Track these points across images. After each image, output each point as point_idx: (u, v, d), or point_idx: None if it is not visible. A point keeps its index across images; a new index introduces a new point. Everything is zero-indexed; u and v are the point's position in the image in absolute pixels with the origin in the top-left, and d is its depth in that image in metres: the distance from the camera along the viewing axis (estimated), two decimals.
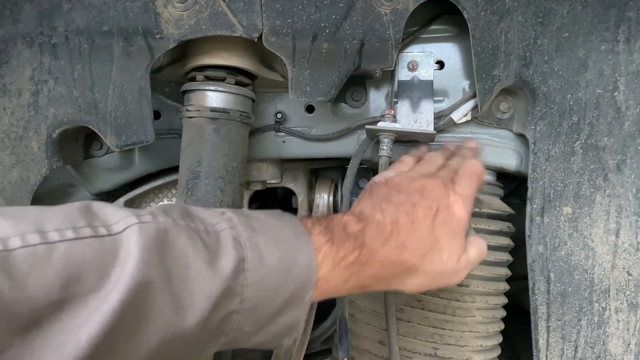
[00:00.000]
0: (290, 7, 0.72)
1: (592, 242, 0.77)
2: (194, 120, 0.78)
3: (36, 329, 0.38)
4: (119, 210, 0.46)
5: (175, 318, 0.45)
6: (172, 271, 0.45)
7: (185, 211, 0.51)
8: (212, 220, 0.51)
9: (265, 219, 0.55)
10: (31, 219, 0.41)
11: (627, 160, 0.75)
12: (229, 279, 0.48)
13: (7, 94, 0.76)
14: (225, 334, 0.50)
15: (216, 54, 0.78)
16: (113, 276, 0.42)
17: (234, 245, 0.49)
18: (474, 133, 0.84)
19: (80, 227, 0.42)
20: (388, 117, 0.79)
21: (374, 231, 0.58)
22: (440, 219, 0.62)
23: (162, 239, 0.46)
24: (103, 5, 0.73)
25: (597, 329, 0.77)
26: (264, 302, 0.51)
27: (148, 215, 0.47)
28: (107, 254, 0.42)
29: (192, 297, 0.46)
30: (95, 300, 0.40)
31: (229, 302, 0.48)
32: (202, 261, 0.47)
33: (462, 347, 0.81)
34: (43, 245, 0.39)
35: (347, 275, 0.56)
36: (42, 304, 0.38)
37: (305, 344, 0.92)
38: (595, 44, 0.74)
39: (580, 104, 0.75)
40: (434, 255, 0.61)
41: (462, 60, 0.84)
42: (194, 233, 0.48)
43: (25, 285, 0.37)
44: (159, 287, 0.44)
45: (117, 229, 0.44)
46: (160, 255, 0.45)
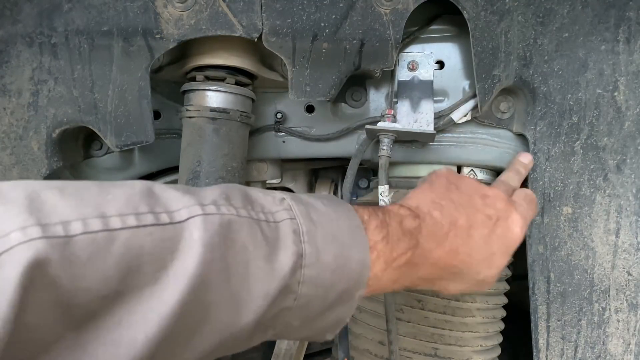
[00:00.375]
0: (290, 7, 0.72)
1: (592, 242, 0.77)
2: (194, 120, 0.78)
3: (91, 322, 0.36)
4: (182, 196, 0.44)
5: (232, 317, 0.44)
6: (232, 268, 0.43)
7: (246, 197, 0.49)
8: (272, 208, 0.49)
9: (324, 208, 0.52)
10: (93, 200, 0.38)
11: (627, 160, 0.75)
12: (287, 276, 0.46)
13: (6, 94, 0.76)
14: (274, 327, 0.49)
15: (216, 54, 0.78)
16: (171, 270, 0.39)
17: (294, 239, 0.47)
18: (474, 133, 0.84)
19: (142, 212, 0.40)
20: (388, 117, 0.79)
21: (429, 230, 0.57)
22: (498, 232, 0.60)
23: (226, 233, 0.43)
24: (103, 5, 0.73)
25: (597, 329, 0.77)
26: (316, 299, 0.49)
27: (212, 205, 0.44)
28: (167, 245, 0.40)
29: (250, 296, 0.44)
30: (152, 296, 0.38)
31: (284, 299, 0.47)
32: (261, 257, 0.45)
33: (462, 347, 0.81)
34: (105, 232, 0.37)
35: (397, 275, 0.55)
36: (98, 296, 0.36)
37: (305, 344, 0.92)
38: (596, 44, 0.74)
39: (580, 104, 0.75)
40: (483, 268, 0.60)
41: (462, 60, 0.84)
42: (255, 224, 0.46)
43: (84, 276, 0.35)
44: (218, 286, 0.42)
45: (179, 217, 0.41)
46: (222, 252, 0.42)
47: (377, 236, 0.53)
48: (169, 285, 0.39)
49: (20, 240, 0.33)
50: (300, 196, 0.53)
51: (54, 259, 0.34)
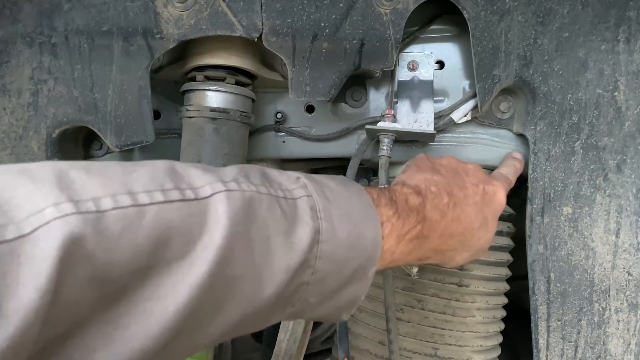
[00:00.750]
0: (290, 6, 0.72)
1: (592, 242, 0.76)
2: (194, 120, 0.78)
3: (123, 295, 0.37)
4: (203, 173, 0.44)
5: (256, 291, 0.44)
6: (254, 243, 0.44)
7: (263, 175, 0.50)
8: (289, 186, 0.50)
9: (336, 187, 0.53)
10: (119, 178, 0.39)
11: (627, 160, 0.75)
12: (306, 250, 0.47)
13: (6, 93, 0.76)
14: (292, 304, 0.50)
15: (216, 53, 0.78)
16: (199, 244, 0.40)
17: (311, 215, 0.48)
18: (474, 133, 0.84)
19: (168, 189, 0.40)
20: (388, 117, 0.79)
21: (432, 204, 0.60)
22: (487, 198, 0.66)
23: (248, 209, 0.44)
24: (103, 5, 0.73)
25: (597, 329, 0.77)
26: (332, 275, 0.50)
27: (233, 182, 0.45)
28: (195, 220, 0.40)
29: (272, 270, 0.45)
30: (182, 269, 0.39)
31: (303, 273, 0.47)
32: (281, 233, 0.46)
33: (462, 347, 0.81)
34: (134, 207, 0.37)
35: (410, 248, 0.58)
36: (130, 269, 0.36)
37: (305, 344, 0.92)
38: (596, 43, 0.74)
39: (580, 103, 0.75)
40: (482, 232, 0.65)
41: (462, 60, 0.84)
42: (274, 201, 0.47)
43: (117, 249, 0.36)
44: (243, 260, 0.43)
45: (204, 193, 0.42)
46: (245, 227, 0.43)
47: (389, 212, 0.55)
48: (198, 258, 0.40)
49: (55, 216, 0.33)
50: (313, 175, 0.54)
51: (88, 234, 0.34)
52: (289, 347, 0.89)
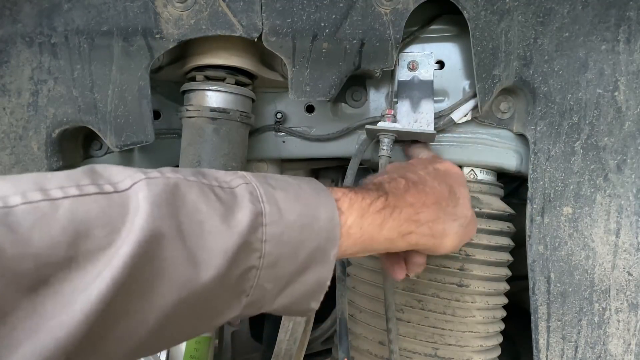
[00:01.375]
0: (290, 6, 0.72)
1: (592, 242, 0.76)
2: (194, 120, 0.78)
3: (44, 287, 0.37)
4: (123, 169, 0.45)
5: (190, 273, 0.44)
6: (184, 225, 0.44)
7: (196, 170, 0.50)
8: (226, 178, 0.50)
9: (282, 177, 0.54)
10: (31, 179, 0.40)
11: (628, 160, 0.75)
12: (246, 233, 0.46)
13: (6, 93, 0.76)
14: (246, 292, 0.49)
15: (216, 53, 0.78)
16: (123, 232, 0.40)
17: (251, 199, 0.48)
18: (474, 133, 0.84)
19: (85, 184, 0.41)
20: (388, 117, 0.79)
21: (391, 186, 0.60)
22: (442, 173, 0.67)
23: (173, 192, 0.44)
24: (103, 5, 0.73)
25: (597, 329, 0.77)
26: (286, 258, 0.49)
27: (155, 172, 0.46)
28: (116, 210, 0.41)
29: (208, 252, 0.45)
30: (105, 257, 0.39)
31: (247, 257, 0.47)
32: (216, 215, 0.45)
33: (462, 347, 0.81)
34: (46, 201, 0.38)
35: (380, 219, 0.56)
36: (49, 262, 0.37)
37: (305, 344, 0.92)
38: (596, 43, 0.74)
39: (580, 103, 0.75)
40: (454, 199, 0.65)
41: (463, 60, 0.84)
42: (207, 188, 0.47)
43: (30, 242, 0.36)
44: (171, 241, 0.42)
45: (123, 186, 0.43)
46: (171, 210, 0.43)
47: (342, 191, 0.55)
48: (122, 243, 0.40)
49: None
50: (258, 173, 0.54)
51: None
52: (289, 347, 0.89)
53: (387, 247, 0.59)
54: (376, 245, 0.57)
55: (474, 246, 0.81)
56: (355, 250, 0.56)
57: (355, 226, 0.54)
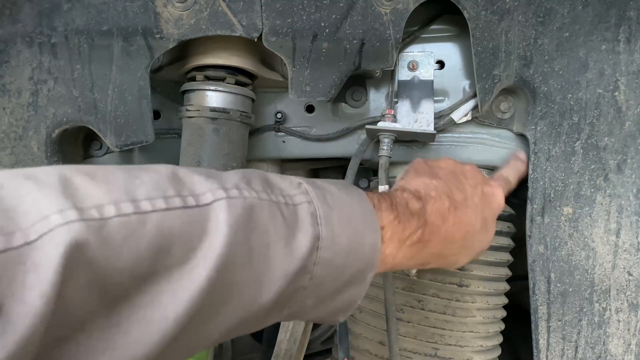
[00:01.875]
0: (290, 6, 0.72)
1: (592, 242, 0.76)
2: (194, 120, 0.78)
3: (124, 301, 0.37)
4: (205, 180, 0.45)
5: (254, 297, 0.45)
6: (254, 250, 0.45)
7: (265, 181, 0.50)
8: (290, 192, 0.50)
9: (338, 193, 0.54)
10: (122, 185, 0.40)
11: (628, 160, 0.75)
12: (305, 257, 0.47)
13: (6, 93, 0.76)
14: (289, 306, 0.50)
15: (216, 53, 0.78)
16: (199, 251, 0.41)
17: (311, 221, 0.49)
18: (474, 133, 0.83)
19: (171, 196, 0.41)
20: (388, 117, 0.79)
21: (433, 208, 0.60)
22: (485, 200, 0.66)
23: (249, 216, 0.45)
24: (103, 5, 0.73)
25: (597, 329, 0.77)
26: (330, 280, 0.50)
27: (234, 189, 0.46)
28: (196, 227, 0.41)
29: (271, 276, 0.46)
30: (182, 275, 0.40)
31: (301, 278, 0.48)
32: (281, 239, 0.47)
33: (463, 347, 0.81)
34: (136, 215, 0.38)
35: (412, 253, 0.58)
36: (132, 276, 0.37)
37: (305, 344, 0.92)
38: (596, 43, 0.74)
39: (580, 103, 0.75)
40: (482, 235, 0.65)
41: (463, 60, 0.84)
42: (275, 207, 0.48)
43: (120, 256, 0.36)
44: (242, 266, 0.43)
45: (205, 200, 0.43)
46: (246, 234, 0.44)
47: (389, 217, 0.56)
48: (198, 265, 0.40)
49: (59, 223, 0.34)
50: (315, 180, 0.55)
51: (92, 241, 0.35)
52: (289, 347, 0.89)
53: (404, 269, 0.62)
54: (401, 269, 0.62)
55: None
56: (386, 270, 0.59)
57: (390, 256, 0.56)
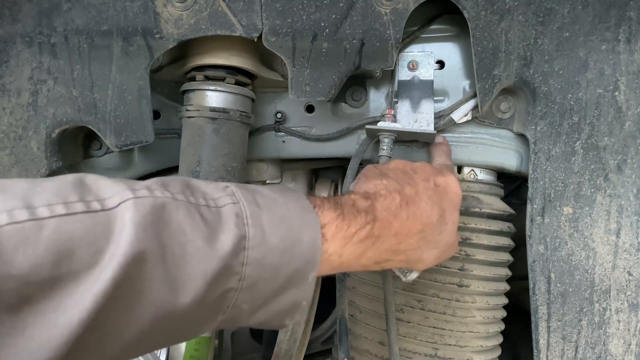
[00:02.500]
0: (290, 6, 0.72)
1: (592, 242, 0.76)
2: (194, 120, 0.78)
3: (27, 306, 0.37)
4: (113, 184, 0.44)
5: (168, 296, 0.44)
6: (167, 248, 0.44)
7: (185, 184, 0.49)
8: (214, 195, 0.49)
9: (271, 194, 0.53)
10: (20, 193, 0.40)
11: (628, 160, 0.75)
12: (228, 256, 0.46)
13: (6, 93, 0.76)
14: (222, 311, 0.49)
15: (216, 53, 0.78)
16: (107, 253, 0.40)
17: (236, 222, 0.48)
18: (474, 133, 0.83)
19: (72, 202, 0.41)
20: (388, 116, 0.79)
21: (384, 205, 0.59)
22: (440, 192, 0.65)
23: (159, 214, 0.44)
24: (102, 5, 0.73)
25: (597, 329, 0.77)
26: (264, 281, 0.49)
27: (144, 189, 0.45)
28: (101, 230, 0.41)
29: (187, 275, 0.45)
30: (89, 278, 0.39)
31: (227, 280, 0.47)
32: (200, 238, 0.45)
33: (463, 347, 0.81)
34: (31, 221, 0.38)
35: (360, 250, 0.56)
36: (32, 282, 0.37)
37: (305, 345, 0.92)
38: (596, 43, 0.74)
39: (580, 103, 0.75)
40: (442, 226, 0.63)
41: (463, 60, 0.84)
42: (193, 208, 0.47)
43: (13, 263, 0.36)
44: (153, 264, 0.43)
45: (111, 203, 0.42)
46: (155, 232, 0.43)
47: (331, 215, 0.54)
48: (105, 266, 0.40)
49: None
50: (247, 185, 0.54)
51: None
52: (289, 347, 0.89)
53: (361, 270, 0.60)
54: (351, 269, 0.58)
55: (474, 246, 0.81)
56: (329, 272, 0.56)
57: (335, 254, 0.54)
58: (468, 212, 0.81)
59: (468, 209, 0.81)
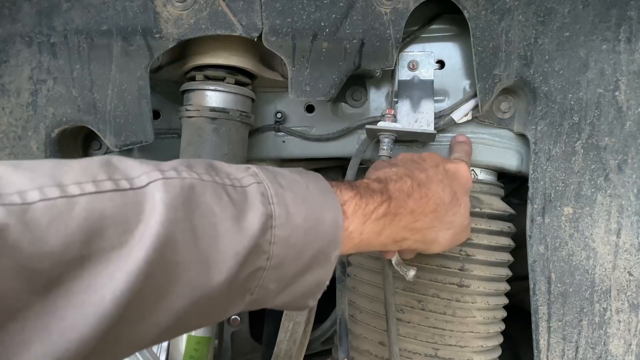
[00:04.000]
0: (290, 6, 0.72)
1: (593, 242, 0.76)
2: (194, 120, 0.78)
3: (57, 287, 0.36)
4: (141, 164, 0.44)
5: (203, 277, 0.44)
6: (198, 229, 0.43)
7: (209, 165, 0.49)
8: (237, 175, 0.49)
9: (291, 175, 0.53)
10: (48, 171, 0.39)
11: (629, 160, 0.75)
12: (257, 235, 0.46)
13: (5, 93, 0.76)
14: (250, 292, 0.49)
15: (216, 53, 0.78)
16: (137, 232, 0.40)
17: (262, 200, 0.48)
18: (475, 133, 0.83)
19: (101, 180, 0.40)
20: (388, 116, 0.79)
21: (396, 187, 0.60)
22: (450, 176, 0.67)
23: (188, 195, 0.44)
24: (102, 5, 0.72)
25: (598, 329, 0.77)
26: (290, 260, 0.49)
27: (172, 170, 0.45)
28: (131, 209, 0.40)
29: (220, 255, 0.44)
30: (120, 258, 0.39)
31: (256, 259, 0.47)
32: (229, 218, 0.45)
33: (463, 347, 0.81)
34: (63, 198, 0.37)
35: (380, 227, 0.57)
36: (63, 260, 0.36)
37: (305, 345, 0.91)
38: (597, 43, 0.74)
39: (581, 103, 0.75)
40: (454, 207, 0.64)
41: (463, 59, 0.83)
42: (220, 188, 0.47)
43: (46, 240, 0.35)
44: (185, 245, 0.42)
45: (140, 182, 0.42)
46: (186, 213, 0.43)
47: (349, 194, 0.55)
48: (135, 245, 0.39)
49: None
50: (267, 166, 0.54)
51: (12, 224, 0.34)
52: (289, 347, 0.89)
53: (379, 249, 0.61)
54: (370, 248, 0.59)
55: (474, 246, 0.80)
56: (350, 251, 0.57)
57: (356, 231, 0.55)
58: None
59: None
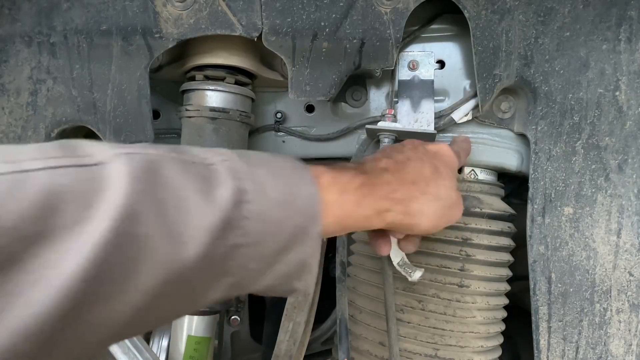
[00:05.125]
0: (290, 6, 0.72)
1: (593, 242, 0.76)
2: (193, 119, 0.78)
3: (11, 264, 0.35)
4: (99, 144, 0.42)
5: (173, 252, 0.42)
6: (165, 202, 0.42)
7: (173, 148, 0.48)
8: (203, 155, 0.48)
9: (262, 155, 0.53)
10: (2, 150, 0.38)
11: (629, 160, 0.75)
12: (229, 209, 0.45)
13: (5, 93, 0.76)
14: (230, 273, 0.47)
15: (215, 53, 0.78)
16: (100, 206, 0.38)
17: (232, 176, 0.46)
18: (475, 133, 0.83)
19: (57, 156, 0.39)
20: (388, 116, 0.79)
21: (372, 165, 0.60)
22: (430, 154, 0.66)
23: (153, 168, 0.42)
24: (102, 4, 0.72)
25: (598, 329, 0.77)
26: (268, 237, 0.48)
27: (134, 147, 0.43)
28: (91, 184, 0.38)
29: (190, 230, 0.43)
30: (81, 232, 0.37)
31: (231, 235, 0.45)
32: (198, 191, 0.44)
33: (463, 347, 0.81)
34: (15, 173, 0.36)
35: (357, 196, 0.56)
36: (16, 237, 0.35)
37: (305, 345, 0.91)
38: (597, 43, 0.74)
39: (581, 103, 0.75)
40: (437, 180, 0.63)
41: (463, 59, 0.83)
42: (187, 164, 0.45)
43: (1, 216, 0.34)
44: (151, 219, 0.40)
45: (100, 158, 0.40)
46: (150, 186, 0.41)
47: (322, 169, 0.55)
48: (98, 217, 0.38)
49: None
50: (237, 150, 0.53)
51: None
52: (289, 347, 0.89)
53: (364, 224, 0.59)
54: (353, 222, 0.57)
55: (474, 246, 0.80)
56: (334, 228, 0.55)
57: (334, 203, 0.54)
58: (468, 212, 0.80)
59: (468, 209, 0.80)
